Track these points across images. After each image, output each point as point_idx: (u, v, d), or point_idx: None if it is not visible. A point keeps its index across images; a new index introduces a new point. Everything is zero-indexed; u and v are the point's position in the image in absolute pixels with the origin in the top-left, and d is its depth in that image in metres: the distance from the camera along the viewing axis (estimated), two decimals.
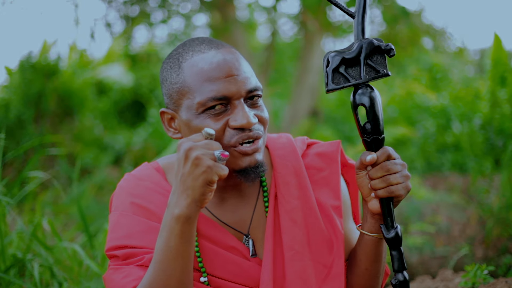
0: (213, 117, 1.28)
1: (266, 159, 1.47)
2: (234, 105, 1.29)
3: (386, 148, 1.26)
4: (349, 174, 1.53)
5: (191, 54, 1.33)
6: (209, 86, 1.27)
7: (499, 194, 3.34)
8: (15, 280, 1.94)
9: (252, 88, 1.31)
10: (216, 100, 1.27)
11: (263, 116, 1.33)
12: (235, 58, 1.32)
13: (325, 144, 1.51)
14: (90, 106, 6.61)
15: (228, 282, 1.35)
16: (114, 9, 5.77)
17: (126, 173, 1.48)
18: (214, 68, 1.28)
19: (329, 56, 1.26)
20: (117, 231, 1.36)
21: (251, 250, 1.38)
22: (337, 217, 1.41)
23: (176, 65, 1.33)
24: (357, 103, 1.26)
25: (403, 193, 1.26)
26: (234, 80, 1.28)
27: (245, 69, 1.32)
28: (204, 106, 1.27)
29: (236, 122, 1.27)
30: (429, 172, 5.09)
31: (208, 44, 1.34)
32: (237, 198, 1.41)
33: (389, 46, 1.25)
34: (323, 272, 1.36)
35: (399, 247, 1.28)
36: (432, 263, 3.04)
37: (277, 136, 1.53)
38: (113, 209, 1.42)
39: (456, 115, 5.20)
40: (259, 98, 1.34)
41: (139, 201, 1.38)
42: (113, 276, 1.32)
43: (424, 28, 6.14)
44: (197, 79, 1.29)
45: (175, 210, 1.19)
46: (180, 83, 1.31)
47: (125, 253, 1.33)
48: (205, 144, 1.18)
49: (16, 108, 5.97)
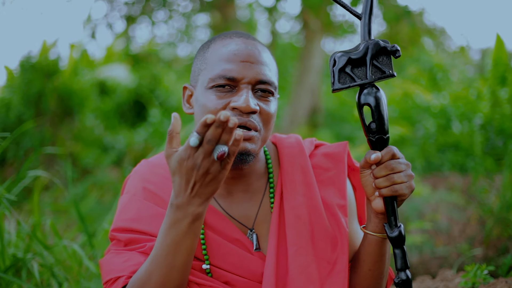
0: (218, 94, 1.32)
1: (274, 157, 1.50)
2: (240, 88, 1.33)
3: (391, 147, 1.28)
4: (356, 178, 1.55)
5: (222, 37, 1.41)
6: (223, 65, 1.33)
7: (499, 194, 3.34)
8: (14, 280, 1.94)
9: (264, 80, 1.34)
10: (225, 79, 1.32)
11: (267, 110, 1.35)
12: (258, 50, 1.37)
13: (332, 145, 1.53)
14: (91, 106, 6.62)
15: (230, 273, 1.37)
16: (115, 9, 5.78)
17: (143, 159, 1.53)
18: (233, 51, 1.35)
19: (336, 56, 1.28)
20: (126, 213, 1.40)
21: (255, 244, 1.40)
22: (342, 216, 1.43)
23: (207, 46, 1.42)
24: (362, 102, 1.27)
25: (407, 192, 1.27)
26: (248, 66, 1.33)
27: (266, 62, 1.36)
28: (213, 82, 1.33)
29: (235, 102, 1.30)
30: (429, 172, 5.09)
31: (241, 34, 1.42)
32: (244, 193, 1.44)
33: (395, 47, 1.27)
34: (327, 269, 1.37)
35: (402, 246, 1.29)
36: (432, 263, 3.04)
37: (287, 136, 1.56)
38: (125, 191, 1.46)
39: (456, 115, 5.21)
40: (270, 95, 1.36)
41: (151, 187, 1.42)
42: (114, 260, 1.35)
43: (424, 27, 6.14)
44: (216, 58, 1.35)
45: (189, 209, 1.19)
46: (203, 60, 1.39)
47: (128, 238, 1.36)
48: (203, 152, 1.13)
49: (16, 108, 5.97)
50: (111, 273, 1.33)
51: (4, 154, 5.46)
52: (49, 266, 2.09)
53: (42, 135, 5.90)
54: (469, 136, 4.68)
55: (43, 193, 4.84)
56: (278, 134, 1.57)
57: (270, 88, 1.35)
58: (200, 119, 1.30)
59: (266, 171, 1.48)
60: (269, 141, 1.55)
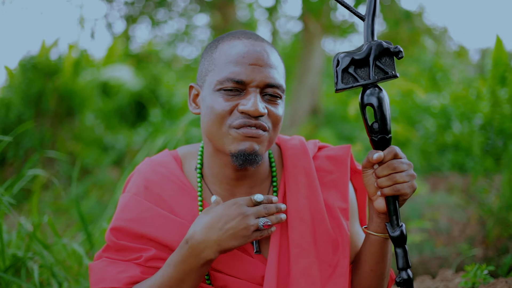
0: (226, 97, 1.32)
1: (277, 158, 1.50)
2: (248, 92, 1.32)
3: (393, 147, 1.28)
4: (358, 180, 1.56)
5: (229, 38, 1.39)
6: (231, 68, 1.32)
7: (499, 194, 3.34)
8: (14, 280, 1.94)
9: (272, 84, 1.33)
10: (233, 82, 1.31)
11: (275, 113, 1.35)
12: (267, 52, 1.36)
13: (335, 148, 1.54)
14: (91, 106, 6.62)
15: (230, 277, 1.37)
16: (115, 9, 5.78)
17: (146, 157, 1.53)
18: (242, 54, 1.33)
19: (339, 56, 1.29)
20: (126, 212, 1.40)
21: (255, 247, 1.40)
22: (344, 219, 1.43)
23: (214, 46, 1.40)
24: (365, 103, 1.28)
25: (408, 191, 1.27)
26: (256, 69, 1.32)
27: (274, 65, 1.36)
28: (221, 84, 1.32)
29: (244, 106, 1.30)
30: (429, 172, 5.09)
31: (248, 34, 1.40)
32: (247, 195, 1.43)
33: (397, 48, 1.28)
34: (328, 271, 1.37)
35: (404, 245, 1.29)
36: (432, 263, 3.04)
37: (290, 137, 1.56)
38: (127, 190, 1.46)
39: (456, 115, 5.21)
40: (278, 98, 1.36)
41: (153, 187, 1.42)
42: (108, 268, 1.34)
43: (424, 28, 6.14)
44: (224, 59, 1.34)
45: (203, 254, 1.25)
46: (210, 61, 1.38)
47: (124, 245, 1.36)
48: (257, 211, 1.28)
49: (17, 108, 5.97)
50: (103, 282, 1.33)
51: (4, 154, 5.46)
52: (49, 265, 2.08)
53: (42, 135, 5.90)
54: (469, 136, 4.68)
55: (43, 193, 4.84)
56: (282, 136, 1.57)
57: (278, 91, 1.35)
58: (208, 120, 1.33)
59: (270, 173, 1.48)
60: None
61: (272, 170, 1.48)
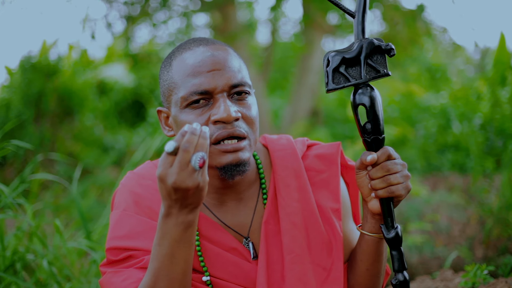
0: (196, 112, 1.28)
1: (264, 160, 1.46)
2: (216, 99, 1.28)
3: (387, 148, 1.26)
4: (349, 175, 1.52)
5: (181, 51, 1.33)
6: (192, 81, 1.27)
7: (499, 194, 3.34)
8: (14, 280, 1.94)
9: (237, 83, 1.29)
10: (198, 94, 1.27)
11: (248, 115, 1.31)
12: (222, 54, 1.31)
13: (325, 146, 1.49)
14: (91, 106, 6.62)
15: (229, 283, 1.35)
16: (114, 9, 5.78)
17: (129, 171, 1.48)
18: (199, 63, 1.28)
19: (329, 55, 1.26)
20: (118, 230, 1.36)
21: (252, 252, 1.38)
22: (336, 220, 1.40)
23: (168, 63, 1.34)
24: (357, 102, 1.25)
25: (403, 193, 1.25)
26: (217, 74, 1.27)
27: (232, 64, 1.31)
28: (187, 100, 1.27)
29: (216, 115, 1.26)
30: (429, 172, 5.09)
31: (199, 41, 1.35)
32: (237, 201, 1.40)
33: (389, 45, 1.25)
34: (323, 275, 1.36)
35: (399, 247, 1.28)
36: (432, 263, 3.04)
37: (277, 137, 1.52)
38: (115, 207, 1.41)
39: (456, 115, 5.21)
40: (247, 95, 1.32)
41: (142, 200, 1.38)
42: (113, 280, 1.31)
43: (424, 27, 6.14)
44: (182, 74, 1.29)
45: (179, 218, 1.16)
46: (169, 80, 1.32)
47: (125, 255, 1.33)
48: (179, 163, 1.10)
49: (16, 108, 5.97)
50: None
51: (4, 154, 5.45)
52: (48, 265, 2.08)
53: (42, 135, 5.90)
54: (469, 136, 4.68)
55: (43, 193, 4.84)
56: (268, 135, 1.52)
57: (245, 88, 1.31)
58: None
59: (258, 176, 1.43)
60: (259, 143, 1.50)
61: (260, 172, 1.44)
